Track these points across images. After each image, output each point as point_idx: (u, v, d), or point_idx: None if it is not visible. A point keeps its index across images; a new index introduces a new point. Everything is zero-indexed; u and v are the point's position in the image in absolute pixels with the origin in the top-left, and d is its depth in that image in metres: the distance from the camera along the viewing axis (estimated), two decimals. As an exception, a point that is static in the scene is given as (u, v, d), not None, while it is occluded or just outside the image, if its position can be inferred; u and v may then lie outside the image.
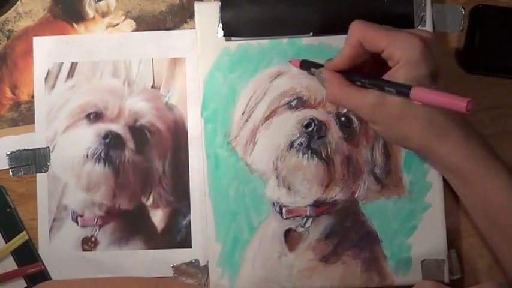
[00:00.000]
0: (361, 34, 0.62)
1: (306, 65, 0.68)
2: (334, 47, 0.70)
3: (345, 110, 0.70)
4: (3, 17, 0.74)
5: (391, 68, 0.62)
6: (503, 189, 0.62)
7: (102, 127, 0.72)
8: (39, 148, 0.73)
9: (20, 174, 0.73)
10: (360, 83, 0.63)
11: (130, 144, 0.72)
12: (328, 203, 0.70)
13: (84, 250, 0.72)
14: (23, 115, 0.74)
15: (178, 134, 0.73)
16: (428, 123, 0.61)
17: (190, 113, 0.72)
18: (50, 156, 0.73)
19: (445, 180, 0.70)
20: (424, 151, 0.65)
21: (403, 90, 0.59)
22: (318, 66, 0.67)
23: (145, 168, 0.72)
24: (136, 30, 0.74)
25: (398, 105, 0.60)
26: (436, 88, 0.59)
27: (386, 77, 0.61)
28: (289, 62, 0.69)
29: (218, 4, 0.70)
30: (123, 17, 0.74)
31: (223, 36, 0.70)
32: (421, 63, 0.60)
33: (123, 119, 0.72)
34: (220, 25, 0.70)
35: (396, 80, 0.60)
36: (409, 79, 0.60)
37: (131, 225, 0.73)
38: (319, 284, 0.70)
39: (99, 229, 0.72)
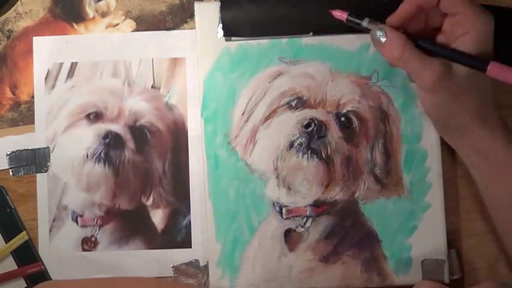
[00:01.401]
0: None
1: (355, 19, 0.64)
2: (334, 47, 0.70)
3: (344, 110, 0.70)
4: (3, 17, 0.74)
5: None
6: None
7: (102, 127, 0.72)
8: (39, 148, 0.73)
9: (20, 174, 0.73)
10: (427, 49, 0.60)
11: (130, 144, 0.72)
12: (328, 203, 0.70)
13: (84, 250, 0.72)
14: (23, 115, 0.74)
15: (178, 134, 0.73)
16: (480, 103, 0.61)
17: (190, 113, 0.72)
18: (50, 156, 0.73)
19: (445, 180, 0.70)
20: (463, 131, 0.63)
21: (479, 65, 0.58)
22: (372, 21, 0.63)
23: (145, 168, 0.72)
24: (136, 30, 0.74)
25: (465, 79, 0.59)
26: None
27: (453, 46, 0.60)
28: (332, 12, 0.65)
29: (218, 4, 0.70)
30: (123, 17, 0.74)
31: (223, 36, 0.70)
32: (488, 42, 0.60)
33: (123, 119, 0.72)
34: (220, 25, 0.70)
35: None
36: (476, 53, 0.59)
37: (131, 225, 0.73)
38: (319, 284, 0.70)
39: (99, 229, 0.72)
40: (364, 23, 0.63)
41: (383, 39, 0.61)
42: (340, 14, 0.64)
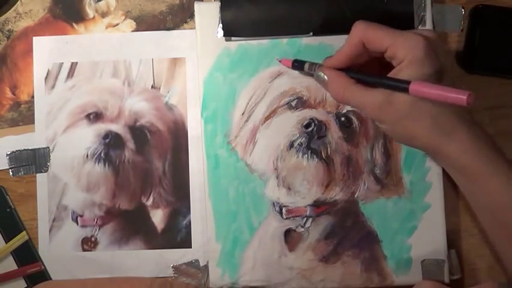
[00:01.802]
0: (364, 34, 0.62)
1: (299, 65, 0.68)
2: (335, 46, 0.70)
3: (344, 110, 0.70)
4: (3, 17, 0.74)
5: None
6: (511, 189, 0.62)
7: (102, 127, 0.72)
8: (39, 148, 0.73)
9: (20, 174, 0.73)
10: (361, 81, 0.63)
11: (130, 144, 0.72)
12: (328, 203, 0.70)
13: (84, 250, 0.72)
14: (23, 115, 0.74)
15: (178, 134, 0.73)
16: (435, 122, 0.61)
17: (190, 113, 0.72)
18: (50, 156, 0.73)
19: (445, 180, 0.70)
20: (431, 150, 0.64)
21: (402, 86, 0.59)
22: (312, 64, 0.66)
23: (145, 168, 0.72)
24: (136, 30, 0.74)
25: (406, 104, 0.60)
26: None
27: (390, 75, 0.61)
28: (280, 61, 0.69)
29: (218, 4, 0.70)
30: (123, 17, 0.74)
31: (223, 36, 0.70)
32: (424, 61, 0.60)
33: (123, 119, 0.72)
34: (220, 25, 0.70)
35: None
36: (413, 78, 0.59)
37: (131, 225, 0.73)
38: (319, 284, 0.70)
39: (99, 229, 0.72)
40: (305, 68, 0.67)
41: (326, 78, 0.65)
42: (286, 62, 0.69)
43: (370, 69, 0.65)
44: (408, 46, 0.60)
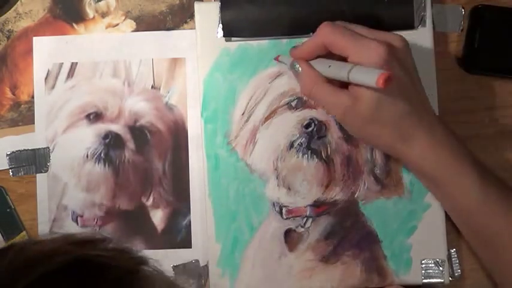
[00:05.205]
0: (327, 39, 0.63)
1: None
2: (334, 47, 0.70)
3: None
4: (3, 17, 0.74)
5: None
6: (471, 193, 0.62)
7: (102, 127, 0.72)
8: (39, 148, 0.73)
9: (20, 174, 0.73)
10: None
11: (130, 144, 0.72)
12: (328, 203, 0.70)
13: (84, 250, 0.72)
14: (23, 115, 0.74)
15: (178, 134, 0.73)
16: (397, 128, 0.62)
17: (190, 113, 0.72)
18: (50, 157, 0.73)
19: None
20: (395, 156, 0.66)
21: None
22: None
23: (145, 168, 0.72)
24: (136, 30, 0.74)
25: (368, 110, 0.61)
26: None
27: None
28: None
29: (218, 4, 0.70)
30: (123, 17, 0.74)
31: (223, 36, 0.70)
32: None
33: (123, 119, 0.72)
34: (220, 25, 0.70)
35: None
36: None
37: (131, 225, 0.73)
38: (319, 284, 0.70)
39: (99, 229, 0.72)
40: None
41: (300, 70, 0.65)
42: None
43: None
44: (368, 57, 0.60)
